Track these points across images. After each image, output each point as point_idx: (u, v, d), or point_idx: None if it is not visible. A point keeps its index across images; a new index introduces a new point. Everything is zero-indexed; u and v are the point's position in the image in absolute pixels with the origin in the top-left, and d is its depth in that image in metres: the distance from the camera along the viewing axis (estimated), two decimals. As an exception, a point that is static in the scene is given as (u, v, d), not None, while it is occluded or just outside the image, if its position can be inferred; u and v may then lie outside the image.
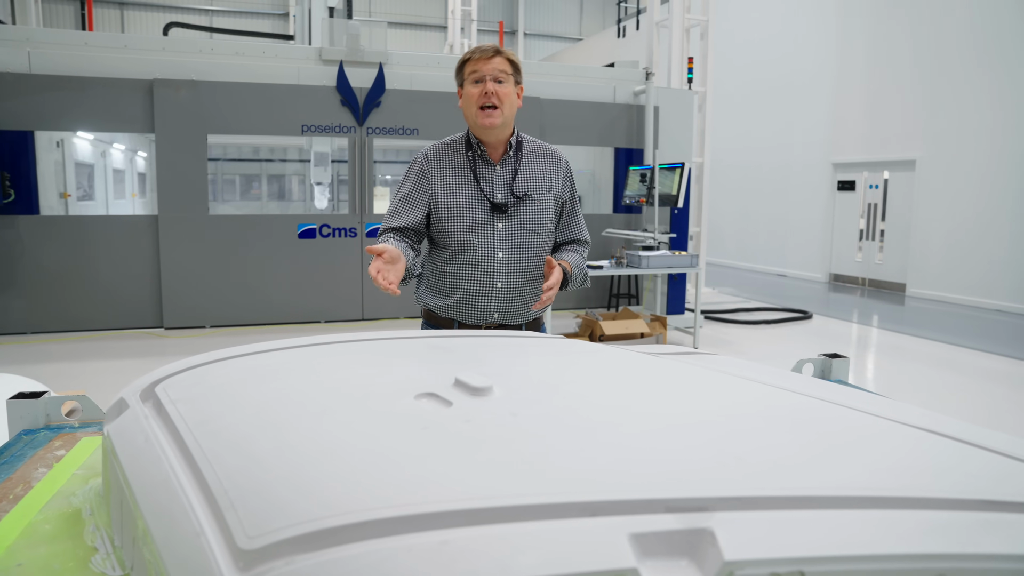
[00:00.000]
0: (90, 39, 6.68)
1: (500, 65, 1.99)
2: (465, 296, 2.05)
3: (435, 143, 2.14)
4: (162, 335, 6.70)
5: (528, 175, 2.10)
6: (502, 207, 2.04)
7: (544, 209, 2.10)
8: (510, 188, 2.07)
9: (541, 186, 2.10)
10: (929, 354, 6.58)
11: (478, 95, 1.98)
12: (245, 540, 0.63)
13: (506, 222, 2.06)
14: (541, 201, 2.09)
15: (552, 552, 0.56)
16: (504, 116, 2.01)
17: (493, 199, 2.05)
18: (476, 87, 1.99)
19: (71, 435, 1.44)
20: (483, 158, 2.08)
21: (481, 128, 2.02)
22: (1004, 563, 0.58)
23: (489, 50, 1.99)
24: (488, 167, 2.08)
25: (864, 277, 10.96)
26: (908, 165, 10.03)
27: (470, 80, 2.01)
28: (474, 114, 2.01)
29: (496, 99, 1.98)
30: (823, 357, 1.89)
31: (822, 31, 11.51)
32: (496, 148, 2.09)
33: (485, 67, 1.98)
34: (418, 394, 0.87)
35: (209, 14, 20.19)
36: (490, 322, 2.09)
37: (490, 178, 2.07)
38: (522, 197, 2.07)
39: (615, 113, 8.26)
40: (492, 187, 2.07)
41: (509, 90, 2.01)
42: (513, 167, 2.09)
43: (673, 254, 6.43)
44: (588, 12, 23.62)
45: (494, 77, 1.98)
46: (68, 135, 7.18)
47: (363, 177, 7.30)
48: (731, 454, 0.72)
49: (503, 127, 2.04)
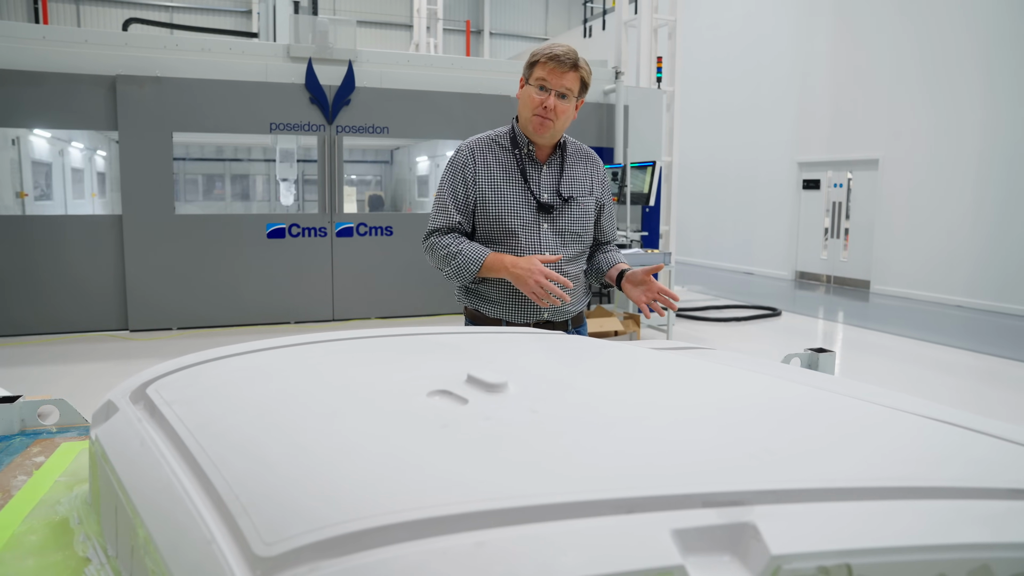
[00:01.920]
0: (48, 33, 6.47)
1: (570, 83, 1.96)
2: (516, 296, 2.03)
3: (478, 137, 2.10)
4: (127, 338, 6.52)
5: (572, 177, 2.09)
6: (548, 208, 2.03)
7: (587, 211, 2.10)
8: (556, 189, 2.06)
9: (584, 189, 2.10)
10: (893, 349, 6.74)
11: (538, 104, 1.96)
12: (262, 547, 0.60)
13: (552, 223, 2.04)
14: (584, 204, 2.09)
15: (594, 551, 0.54)
16: (556, 129, 2.00)
17: (540, 199, 2.03)
18: (539, 95, 1.96)
19: (49, 440, 1.38)
20: (531, 157, 2.06)
21: (531, 133, 2.02)
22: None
23: (567, 63, 1.94)
24: (535, 167, 2.07)
25: (829, 275, 11.18)
26: (871, 164, 10.26)
27: (536, 84, 1.97)
28: (528, 118, 2.00)
29: (553, 114, 1.96)
30: (810, 352, 1.91)
31: (786, 32, 11.71)
32: (544, 149, 2.07)
33: (555, 81, 1.95)
34: (431, 392, 0.84)
35: (169, 10, 19.74)
36: (539, 320, 2.07)
37: (537, 178, 2.06)
38: (568, 199, 2.06)
39: (586, 112, 8.28)
40: (540, 187, 2.05)
41: (568, 106, 1.99)
42: (559, 168, 2.08)
43: (645, 252, 6.48)
44: (554, 12, 23.69)
45: (560, 93, 1.95)
46: (24, 132, 6.94)
47: (333, 176, 7.20)
48: (760, 446, 0.71)
49: (551, 137, 2.03)
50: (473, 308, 2.12)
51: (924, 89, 9.42)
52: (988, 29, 8.70)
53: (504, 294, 2.05)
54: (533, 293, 1.90)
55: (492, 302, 2.07)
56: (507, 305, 2.05)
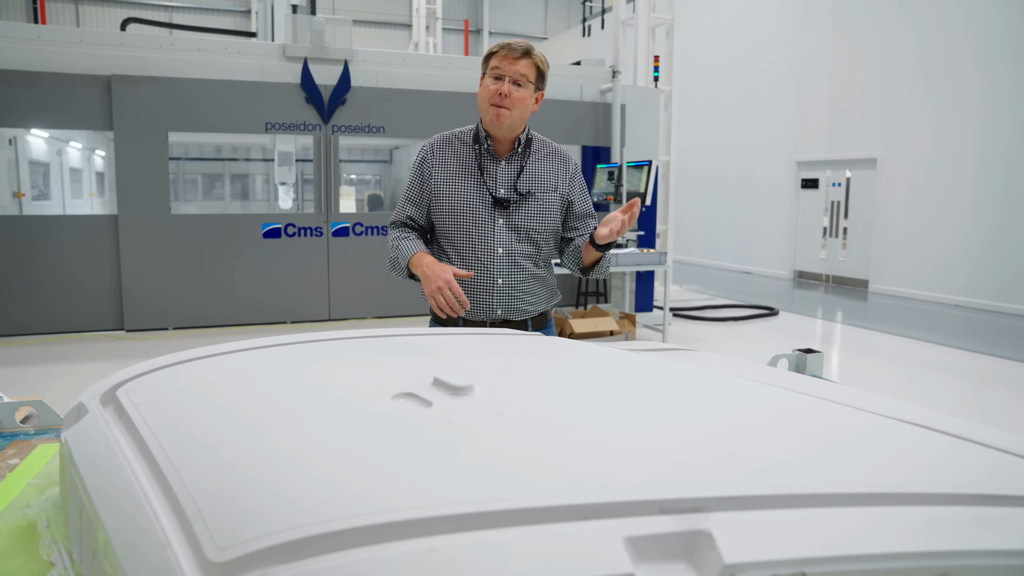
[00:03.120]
0: (43, 32, 6.46)
1: (524, 69, 1.97)
2: (467, 293, 2.02)
3: (442, 133, 2.12)
4: (123, 338, 6.51)
5: (533, 173, 2.08)
6: (504, 202, 2.02)
7: (548, 208, 2.08)
8: (514, 185, 2.05)
9: (546, 185, 2.09)
10: (891, 348, 6.73)
11: (493, 92, 1.97)
12: (215, 552, 0.60)
13: (507, 218, 2.04)
14: (545, 199, 2.07)
15: (544, 559, 0.53)
16: (512, 118, 1.99)
17: (496, 194, 2.03)
18: (494, 84, 1.97)
19: (26, 442, 1.37)
20: (489, 152, 2.06)
21: (488, 124, 2.03)
22: (1003, 559, 0.57)
23: (518, 50, 1.96)
24: (493, 162, 2.07)
25: (828, 274, 11.16)
26: (870, 163, 10.24)
27: (491, 75, 1.98)
28: (485, 110, 2.01)
29: (508, 101, 1.96)
30: (798, 352, 1.90)
31: (785, 31, 11.70)
32: (504, 143, 2.07)
33: (508, 67, 1.96)
34: (396, 394, 0.83)
35: (168, 10, 19.72)
36: (494, 318, 2.06)
37: (494, 173, 2.06)
38: (525, 195, 2.05)
39: (582, 111, 8.27)
40: (496, 182, 2.05)
41: (524, 95, 1.99)
42: (519, 164, 2.08)
43: (641, 251, 6.47)
44: (553, 11, 23.68)
45: (513, 79, 1.96)
46: (21, 132, 6.93)
47: (329, 176, 7.19)
48: (726, 452, 0.70)
49: (510, 128, 2.02)
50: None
51: (923, 88, 9.40)
52: (987, 28, 8.68)
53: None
54: (431, 297, 1.91)
55: None
56: None
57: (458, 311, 1.91)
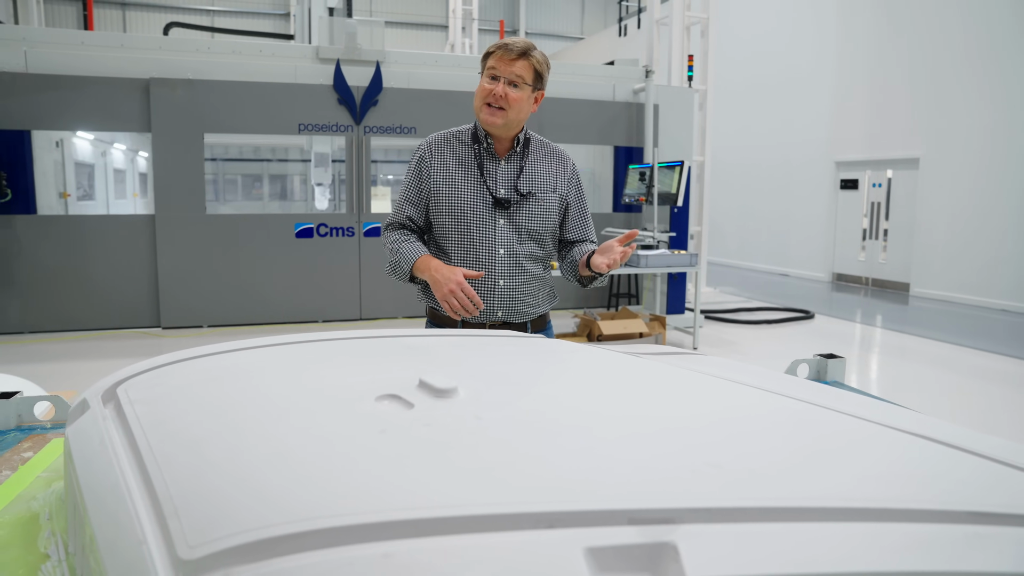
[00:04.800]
0: (87, 38, 6.66)
1: (520, 70, 1.94)
2: None
3: (439, 132, 2.10)
4: (159, 335, 6.67)
5: (533, 173, 2.06)
6: (505, 203, 2.00)
7: (548, 208, 2.06)
8: (514, 185, 2.03)
9: (546, 185, 2.07)
10: (932, 354, 6.52)
11: (487, 92, 1.95)
12: (186, 549, 0.60)
13: (508, 218, 2.02)
14: (545, 200, 2.05)
15: (499, 567, 0.52)
16: (508, 119, 1.97)
17: (496, 194, 2.01)
18: (489, 84, 1.95)
19: (41, 436, 1.40)
20: (489, 151, 2.04)
21: (482, 123, 2.00)
22: (992, 580, 0.54)
23: (515, 51, 1.93)
24: (493, 161, 2.04)
25: (867, 276, 10.89)
26: (911, 163, 9.96)
27: (487, 75, 1.97)
28: (479, 107, 1.98)
29: (504, 102, 1.94)
30: (819, 357, 1.84)
31: (822, 27, 11.44)
32: (503, 143, 2.05)
33: (504, 68, 1.94)
34: (380, 396, 0.83)
35: (211, 14, 20.18)
36: (494, 320, 2.04)
37: (494, 172, 2.04)
38: (526, 195, 2.03)
39: (614, 111, 8.21)
40: (496, 182, 2.03)
41: (520, 96, 1.95)
42: (519, 164, 2.05)
43: (672, 253, 6.38)
44: (590, 11, 23.58)
45: (509, 80, 1.93)
46: (68, 135, 7.15)
47: (361, 176, 7.26)
48: (707, 461, 0.67)
49: (505, 128, 2.00)
50: (431, 307, 2.11)
51: (971, 85, 9.09)
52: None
53: None
54: (444, 301, 1.89)
55: None
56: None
57: (472, 312, 1.90)
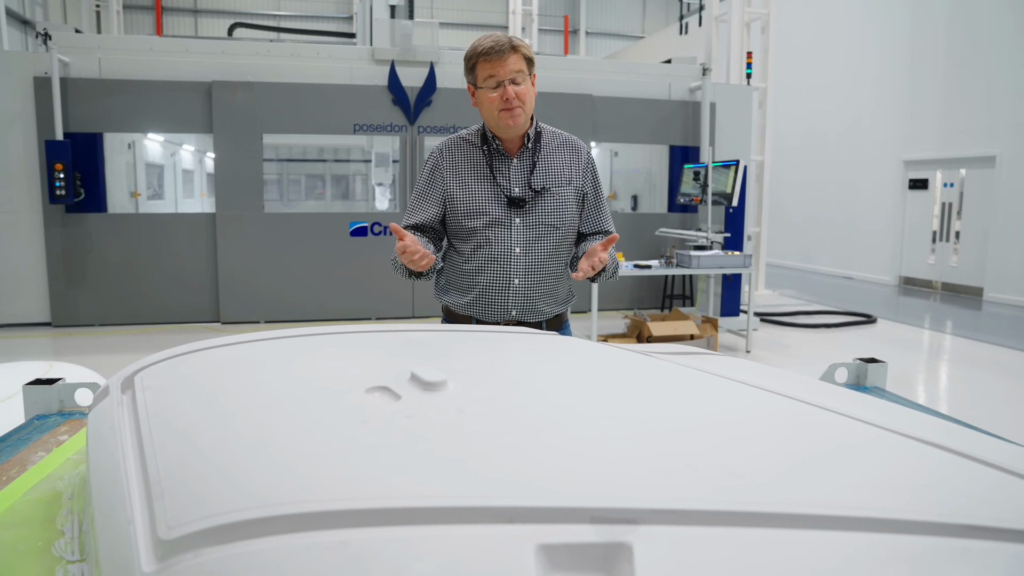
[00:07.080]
0: (155, 44, 6.95)
1: (516, 65, 1.92)
2: (482, 293, 2.01)
3: (450, 137, 2.10)
4: (218, 330, 6.90)
5: (547, 168, 2.04)
6: (519, 201, 1.99)
7: (564, 202, 2.03)
8: (528, 182, 2.01)
9: (561, 178, 2.04)
10: (1006, 363, 6.18)
11: (498, 100, 1.92)
12: (165, 530, 0.62)
13: (524, 216, 2.00)
14: (561, 194, 2.03)
15: (449, 560, 0.51)
16: (525, 115, 1.96)
17: (510, 193, 2.00)
18: (495, 92, 1.92)
19: (78, 421, 1.46)
20: (499, 152, 2.03)
21: (505, 128, 1.97)
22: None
23: (503, 48, 1.90)
24: (504, 161, 2.03)
25: (937, 280, 10.40)
26: (987, 162, 9.46)
27: (487, 85, 1.93)
28: (496, 117, 1.95)
29: (518, 101, 1.93)
30: (858, 361, 1.76)
31: (892, 22, 10.98)
32: (513, 141, 2.04)
33: (501, 70, 1.90)
34: (370, 387, 0.83)
35: (276, 19, 20.77)
36: (508, 319, 2.04)
37: (507, 172, 2.02)
38: (540, 191, 2.01)
39: (670, 110, 8.08)
40: (509, 181, 2.02)
41: (527, 88, 1.95)
42: (531, 160, 2.04)
43: (726, 254, 6.24)
44: (651, 10, 23.26)
45: (512, 79, 1.92)
46: (139, 137, 7.48)
47: (415, 175, 7.36)
48: (684, 462, 0.65)
49: (525, 123, 1.99)
50: (445, 305, 2.11)
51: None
52: None
53: (474, 292, 2.02)
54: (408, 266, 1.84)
55: (463, 300, 2.05)
56: (477, 303, 2.03)
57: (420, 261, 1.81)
